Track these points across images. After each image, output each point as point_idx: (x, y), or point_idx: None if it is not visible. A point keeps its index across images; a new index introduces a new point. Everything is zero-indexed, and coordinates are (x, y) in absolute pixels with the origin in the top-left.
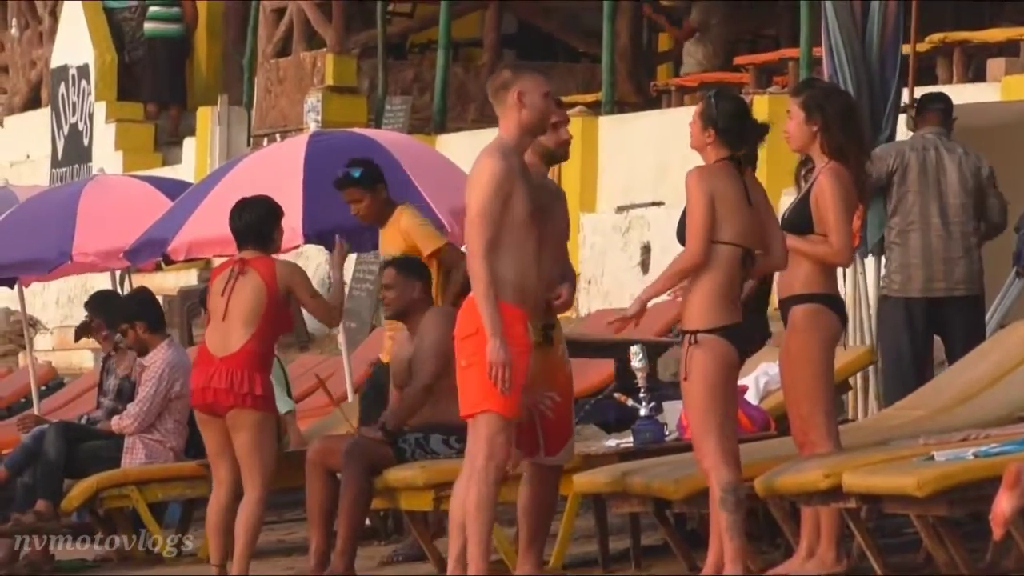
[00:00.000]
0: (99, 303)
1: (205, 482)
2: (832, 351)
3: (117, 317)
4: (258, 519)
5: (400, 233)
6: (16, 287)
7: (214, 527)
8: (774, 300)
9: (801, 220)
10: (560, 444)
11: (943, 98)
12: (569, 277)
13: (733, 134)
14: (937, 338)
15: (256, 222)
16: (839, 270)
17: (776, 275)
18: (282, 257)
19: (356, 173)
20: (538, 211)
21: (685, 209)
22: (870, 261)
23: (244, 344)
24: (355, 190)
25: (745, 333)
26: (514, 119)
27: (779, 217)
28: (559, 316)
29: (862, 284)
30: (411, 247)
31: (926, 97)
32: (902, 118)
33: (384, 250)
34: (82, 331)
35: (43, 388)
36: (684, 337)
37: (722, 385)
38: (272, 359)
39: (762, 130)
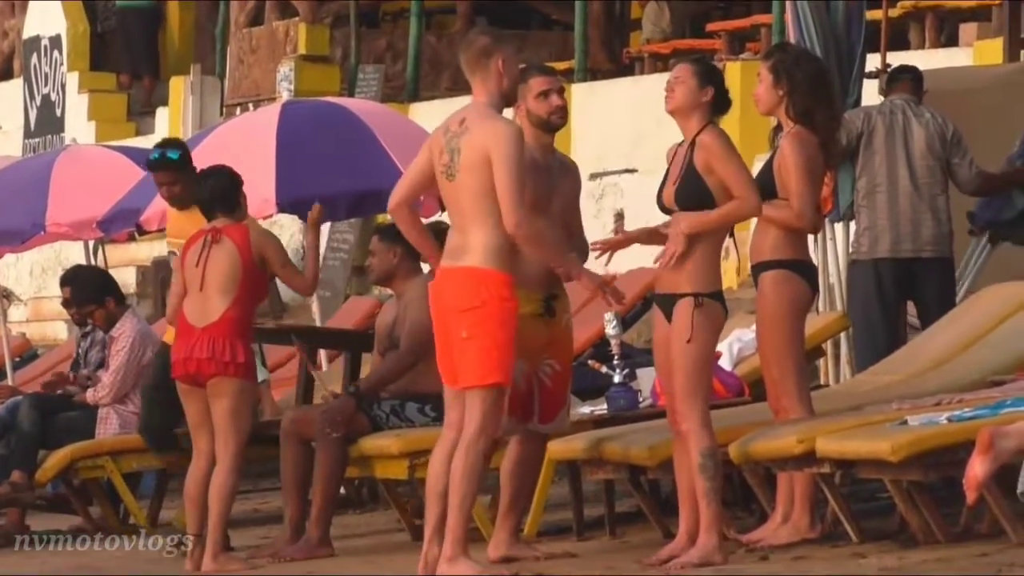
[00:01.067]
0: (72, 280)
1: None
2: (802, 317)
3: (89, 294)
4: (231, 488)
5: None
6: None
7: (193, 497)
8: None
9: (765, 185)
10: (554, 413)
11: (913, 69)
12: (580, 248)
13: (717, 106)
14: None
15: (220, 189)
16: (810, 236)
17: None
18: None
19: (174, 155)
20: (534, 180)
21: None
22: (839, 226)
23: (224, 312)
24: (171, 172)
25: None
26: (496, 86)
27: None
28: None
29: (832, 250)
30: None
31: (897, 69)
32: (870, 84)
33: (180, 234)
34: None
35: (17, 360)
36: (686, 299)
37: (713, 348)
38: (251, 326)
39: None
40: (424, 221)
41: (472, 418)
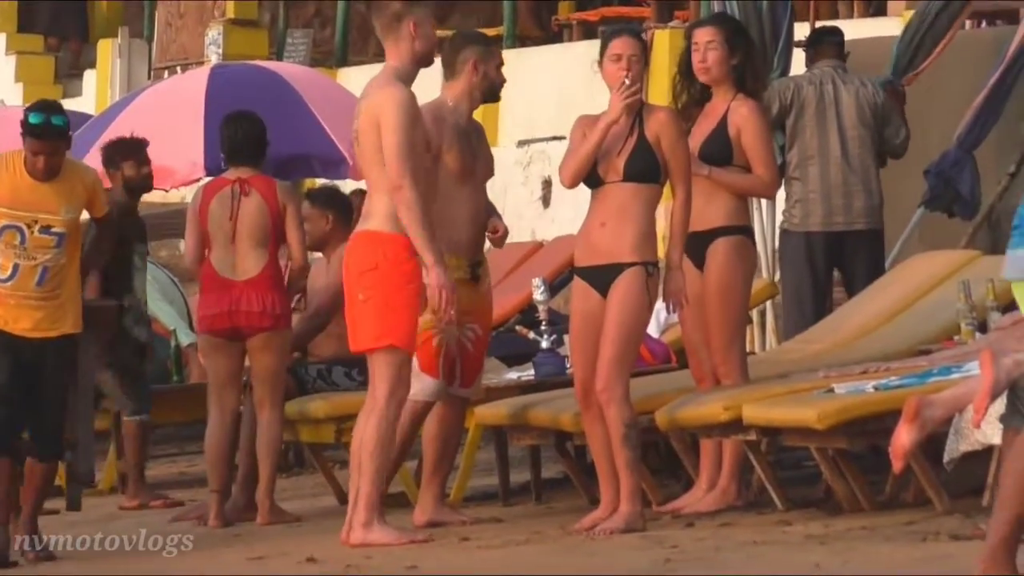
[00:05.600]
0: None
1: (107, 414)
2: (751, 284)
3: None
4: (280, 439)
5: (84, 187)
6: None
7: (219, 455)
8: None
9: (720, 153)
10: (474, 377)
11: (836, 31)
12: (493, 211)
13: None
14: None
15: (254, 136)
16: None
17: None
18: (182, 190)
19: (60, 121)
20: (461, 148)
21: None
22: None
23: (265, 266)
24: (54, 141)
25: None
26: (407, 49)
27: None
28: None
29: (758, 219)
30: (87, 203)
31: (819, 31)
32: (800, 54)
33: (34, 200)
34: None
35: None
36: (635, 268)
37: (646, 323)
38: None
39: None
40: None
41: (377, 382)
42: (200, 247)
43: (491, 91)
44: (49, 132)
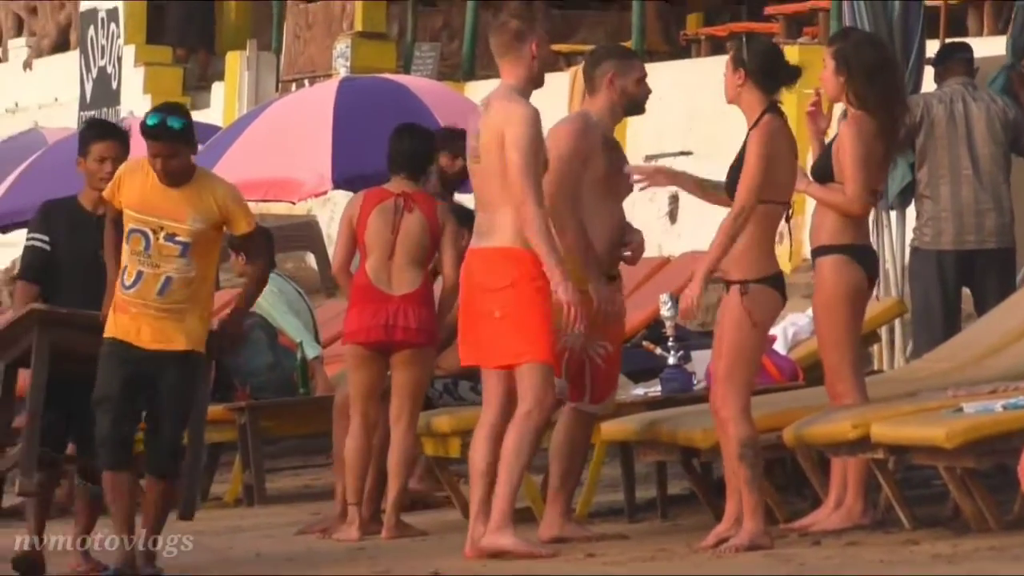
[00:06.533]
0: None
1: (232, 427)
2: (857, 302)
3: None
4: (413, 455)
5: (215, 200)
6: None
7: (363, 467)
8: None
9: (824, 169)
10: (605, 393)
11: (965, 47)
12: (630, 228)
13: (765, 75)
14: (967, 291)
15: (423, 151)
16: (870, 221)
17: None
18: (309, 202)
19: (177, 123)
20: (605, 162)
21: (735, 163)
22: (895, 213)
23: (423, 282)
24: (172, 143)
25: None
26: (526, 69)
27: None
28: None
29: (886, 236)
30: (222, 218)
31: (948, 48)
32: (931, 70)
33: (164, 206)
34: None
35: None
36: (731, 287)
37: (764, 336)
38: None
39: (794, 73)
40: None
41: (523, 395)
42: (350, 256)
43: (632, 105)
44: (164, 134)
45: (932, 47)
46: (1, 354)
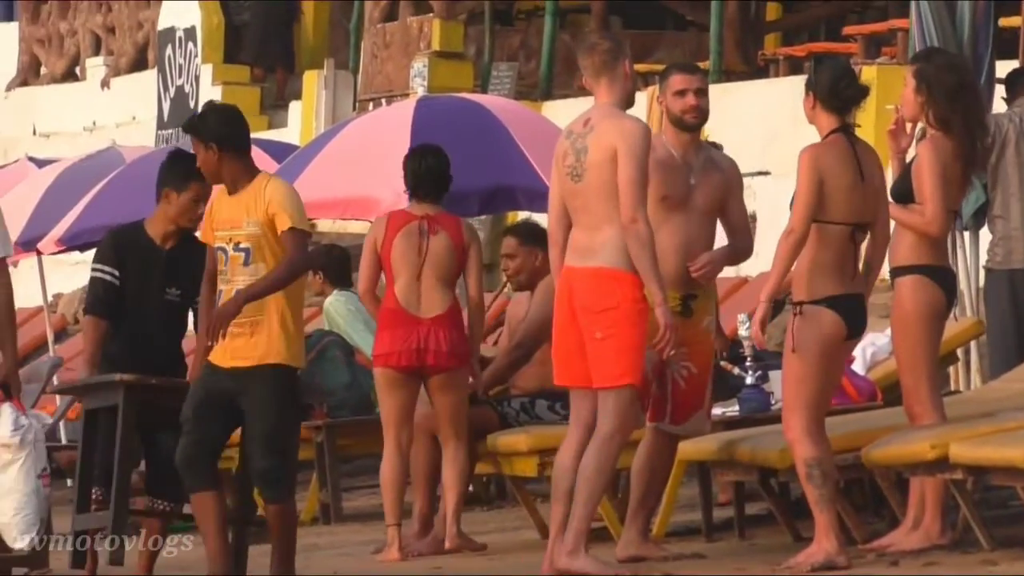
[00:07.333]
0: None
1: (309, 445)
2: (934, 323)
3: None
4: (468, 468)
5: (263, 197)
6: None
7: (402, 490)
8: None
9: (904, 189)
10: (687, 415)
11: None
12: (740, 248)
13: (832, 96)
14: None
15: (440, 171)
16: (948, 242)
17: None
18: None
19: (210, 119)
20: (664, 177)
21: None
22: (968, 234)
23: (451, 304)
24: (202, 138)
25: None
26: (622, 88)
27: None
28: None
29: (961, 257)
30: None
31: (1019, 70)
32: (999, 90)
33: (228, 216)
34: None
35: None
36: (791, 308)
37: (821, 357)
38: None
39: (861, 92)
40: None
41: (607, 417)
42: (375, 280)
43: (675, 121)
44: (191, 128)
45: (1002, 68)
46: (86, 401)
